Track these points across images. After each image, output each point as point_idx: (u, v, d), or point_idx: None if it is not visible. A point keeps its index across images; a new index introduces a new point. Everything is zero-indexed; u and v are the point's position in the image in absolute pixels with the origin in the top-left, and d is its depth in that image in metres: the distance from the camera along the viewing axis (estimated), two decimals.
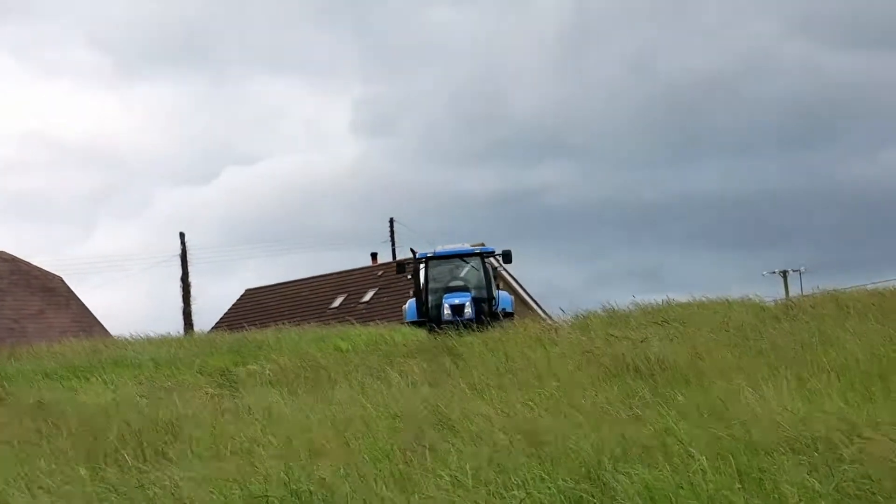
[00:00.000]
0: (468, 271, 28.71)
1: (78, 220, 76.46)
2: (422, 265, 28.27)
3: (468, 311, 27.01)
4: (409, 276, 28.63)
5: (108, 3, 78.31)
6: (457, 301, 27.49)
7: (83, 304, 47.63)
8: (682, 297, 17.78)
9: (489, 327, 24.96)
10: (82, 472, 8.73)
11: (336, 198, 74.20)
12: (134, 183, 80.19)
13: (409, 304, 28.42)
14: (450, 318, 26.78)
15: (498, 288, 28.70)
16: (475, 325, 25.77)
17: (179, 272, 51.12)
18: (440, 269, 28.37)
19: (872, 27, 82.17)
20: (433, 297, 28.03)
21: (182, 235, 51.72)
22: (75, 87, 77.98)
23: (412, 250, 28.21)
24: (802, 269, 49.74)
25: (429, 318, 27.28)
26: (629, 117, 75.09)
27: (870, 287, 19.01)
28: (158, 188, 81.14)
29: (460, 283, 28.51)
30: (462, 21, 77.30)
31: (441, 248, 29.07)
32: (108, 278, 79.85)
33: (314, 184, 75.52)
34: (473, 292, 27.99)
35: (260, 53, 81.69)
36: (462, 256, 28.77)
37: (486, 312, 27.38)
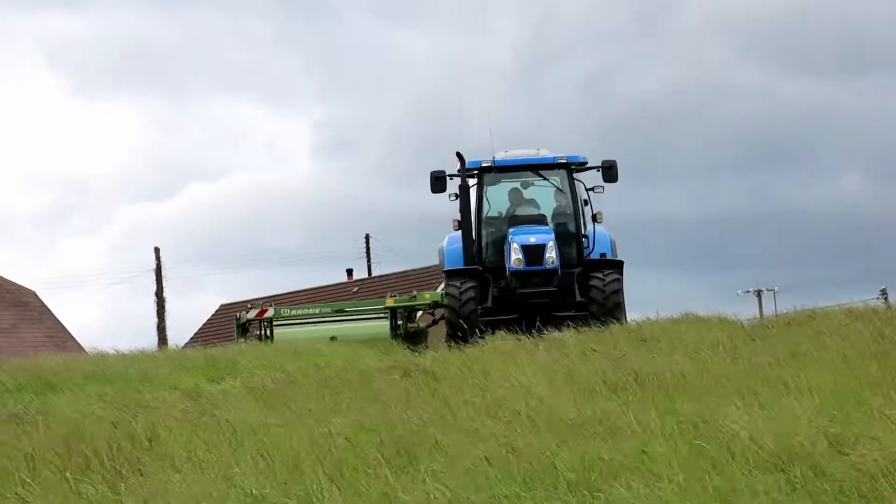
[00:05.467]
0: (538, 193, 19.67)
1: (40, 238, 76.17)
2: (472, 180, 19.14)
3: (550, 256, 18.28)
4: (453, 197, 19.10)
5: (68, 24, 78.10)
6: (532, 240, 18.36)
7: (57, 319, 47.34)
8: (652, 316, 18.02)
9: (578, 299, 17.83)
10: (57, 485, 8.67)
11: (299, 216, 74.30)
12: (95, 200, 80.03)
13: (449, 243, 19.37)
14: (520, 267, 18.26)
15: (595, 221, 19.19)
16: (556, 285, 18.01)
17: (150, 287, 50.93)
18: (502, 189, 19.62)
19: (829, 53, 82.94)
20: (490, 231, 19.16)
21: (157, 250, 51.60)
22: (35, 106, 77.66)
23: (458, 155, 19.00)
24: (777, 288, 49.91)
25: (483, 265, 18.70)
26: (588, 139, 75.36)
27: (837, 307, 19.16)
28: (120, 205, 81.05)
29: (534, 211, 19.51)
30: (421, 43, 77.47)
31: (504, 156, 19.63)
32: (77, 294, 79.60)
33: (275, 202, 75.54)
34: (555, 226, 19.10)
35: (219, 74, 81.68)
36: (538, 168, 19.39)
37: (574, 259, 18.86)
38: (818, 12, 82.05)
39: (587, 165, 19.63)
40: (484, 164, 19.38)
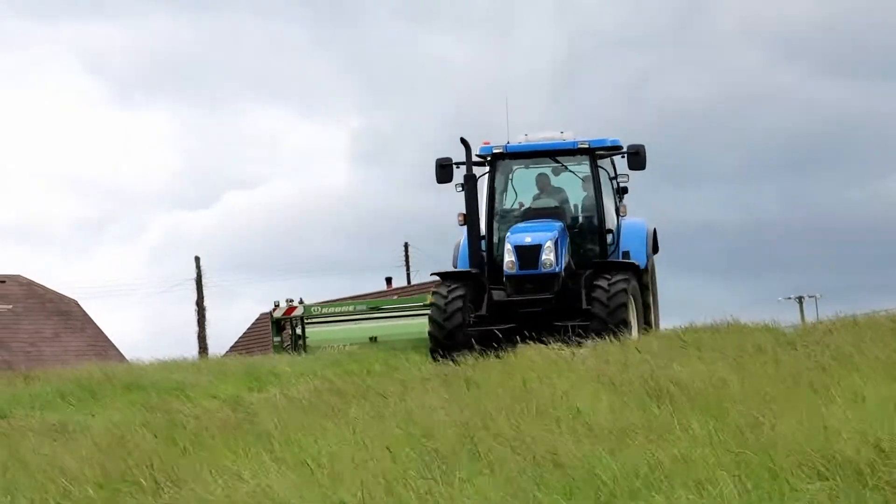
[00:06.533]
0: (567, 182, 17.26)
1: (78, 247, 76.81)
2: (483, 168, 17.08)
3: (548, 258, 16.07)
4: (460, 188, 16.85)
5: (105, 32, 78.76)
6: (527, 240, 16.14)
7: (98, 328, 47.65)
8: (693, 322, 17.71)
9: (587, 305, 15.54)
10: (97, 494, 8.70)
11: (337, 225, 74.49)
12: (133, 209, 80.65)
13: (463, 242, 17.14)
14: (513, 271, 16.19)
15: (618, 214, 17.15)
16: (554, 292, 15.78)
17: (190, 296, 51.14)
18: (522, 177, 17.39)
19: (866, 57, 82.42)
20: (503, 226, 16.94)
21: (197, 259, 51.82)
22: (74, 114, 78.41)
23: (463, 140, 16.87)
24: (818, 295, 49.59)
25: (493, 265, 16.60)
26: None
27: (885, 313, 18.93)
28: (158, 213, 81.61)
29: (551, 203, 17.19)
30: (457, 49, 77.51)
31: (524, 140, 17.30)
32: (116, 303, 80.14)
33: (313, 210, 75.79)
34: (581, 219, 17.02)
35: (255, 81, 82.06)
36: (555, 154, 17.07)
37: (598, 257, 16.77)
38: (854, 16, 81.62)
39: (617, 149, 17.30)
40: (496, 151, 17.11)
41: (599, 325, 15.95)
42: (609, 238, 17.19)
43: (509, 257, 16.33)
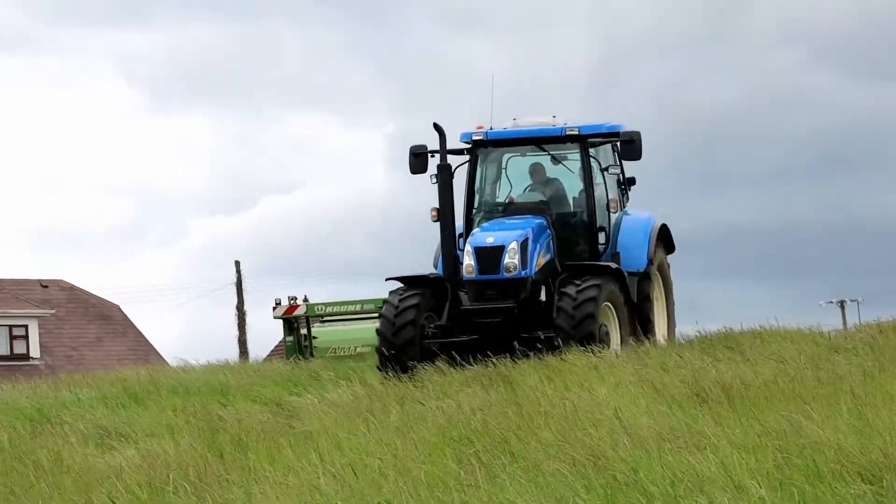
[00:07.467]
0: (565, 173, 15.31)
1: (118, 251, 77.34)
2: (462, 157, 15.25)
3: (512, 262, 14.11)
4: (434, 179, 15.09)
5: (143, 39, 79.27)
6: (489, 240, 14.22)
7: (140, 332, 47.98)
8: (733, 326, 17.44)
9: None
10: (144, 495, 8.79)
11: (373, 229, 74.51)
12: (171, 213, 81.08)
13: (439, 248, 15.13)
14: (472, 276, 14.22)
15: (609, 209, 15.18)
16: (518, 300, 13.93)
17: (229, 300, 51.27)
18: (511, 167, 15.53)
19: None
20: (482, 222, 15.13)
21: (237, 264, 51.93)
22: (113, 120, 78.98)
23: (436, 126, 14.88)
24: (860, 299, 49.23)
25: (461, 268, 14.46)
26: (656, 148, 74.83)
27: None
28: (195, 218, 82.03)
29: (536, 196, 15.29)
30: (490, 52, 77.39)
31: (512, 125, 15.40)
32: (156, 307, 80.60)
33: (349, 214, 75.89)
34: (572, 214, 15.10)
35: (291, 86, 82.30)
36: (541, 141, 15.14)
37: (587, 254, 14.85)
38: (892, 16, 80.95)
39: (614, 134, 15.15)
40: (475, 138, 15.19)
41: (564, 338, 14.09)
42: (602, 237, 15.12)
43: (468, 260, 14.34)
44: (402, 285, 14.90)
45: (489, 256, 14.26)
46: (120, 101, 79.28)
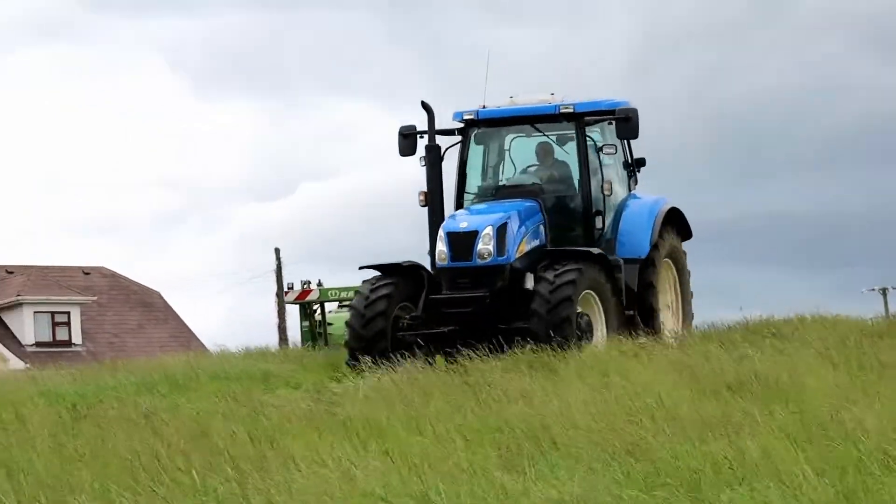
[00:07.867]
0: (550, 153, 14.67)
1: (158, 238, 77.72)
2: (454, 138, 14.69)
3: (486, 248, 13.49)
4: (423, 161, 14.70)
5: (185, 27, 79.57)
6: (463, 225, 13.66)
7: (181, 319, 48.23)
8: (765, 314, 17.29)
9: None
10: (185, 481, 8.85)
11: (411, 216, 74.19)
12: (211, 200, 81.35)
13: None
14: (444, 263, 13.73)
15: (603, 192, 14.37)
16: (492, 289, 13.30)
17: (269, 287, 51.34)
18: (515, 148, 14.79)
19: None
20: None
21: (277, 251, 52.02)
22: (154, 107, 79.30)
23: (424, 105, 14.62)
24: None
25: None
26: (699, 134, 74.27)
27: None
28: (235, 205, 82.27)
29: (528, 179, 14.59)
30: (530, 40, 77.11)
31: (508, 103, 14.85)
32: (196, 294, 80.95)
33: (387, 201, 75.88)
34: (566, 198, 14.40)
35: (330, 73, 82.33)
36: (534, 120, 14.52)
37: (582, 239, 14.20)
38: None
39: (602, 115, 14.41)
40: (466, 117, 14.53)
41: (539, 327, 13.39)
42: (599, 221, 14.36)
43: (440, 246, 13.64)
44: (377, 274, 14.27)
45: (461, 242, 13.62)
46: (161, 88, 79.71)
